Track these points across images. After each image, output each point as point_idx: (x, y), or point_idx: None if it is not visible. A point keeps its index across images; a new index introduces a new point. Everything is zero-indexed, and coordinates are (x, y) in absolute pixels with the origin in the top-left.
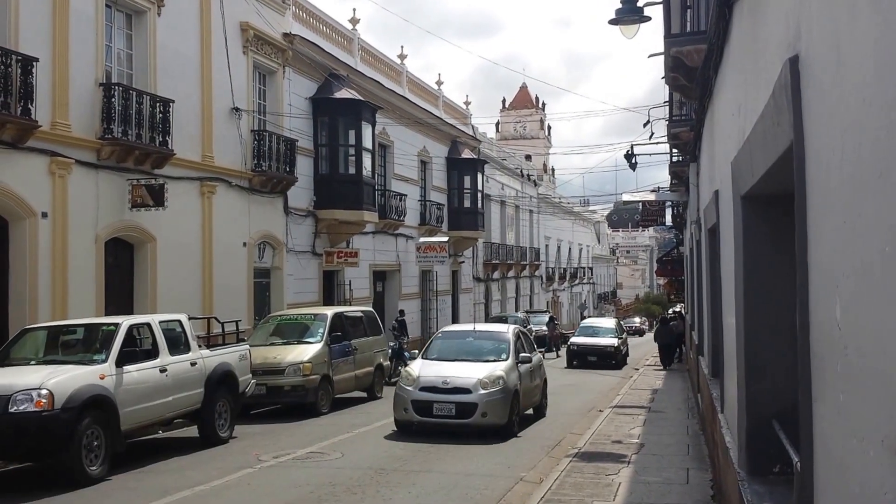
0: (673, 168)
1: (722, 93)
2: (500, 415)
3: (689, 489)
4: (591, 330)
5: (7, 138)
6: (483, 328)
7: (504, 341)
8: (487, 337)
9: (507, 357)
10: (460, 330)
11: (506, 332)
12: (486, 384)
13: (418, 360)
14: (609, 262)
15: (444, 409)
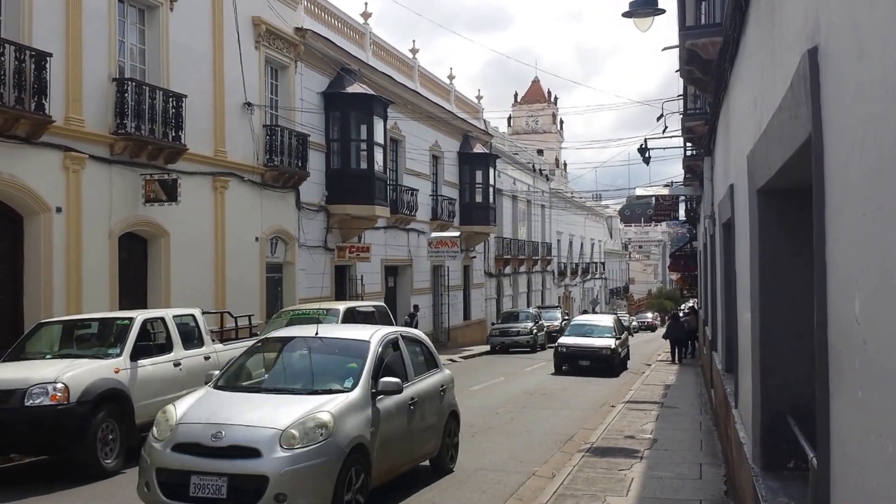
0: (687, 162)
1: (738, 86)
2: (316, 496)
3: (702, 484)
4: (584, 329)
5: (21, 133)
6: (335, 333)
7: (359, 356)
8: (335, 348)
9: (355, 385)
10: (294, 336)
11: (367, 339)
12: (294, 438)
13: (201, 390)
14: (621, 257)
15: (208, 489)
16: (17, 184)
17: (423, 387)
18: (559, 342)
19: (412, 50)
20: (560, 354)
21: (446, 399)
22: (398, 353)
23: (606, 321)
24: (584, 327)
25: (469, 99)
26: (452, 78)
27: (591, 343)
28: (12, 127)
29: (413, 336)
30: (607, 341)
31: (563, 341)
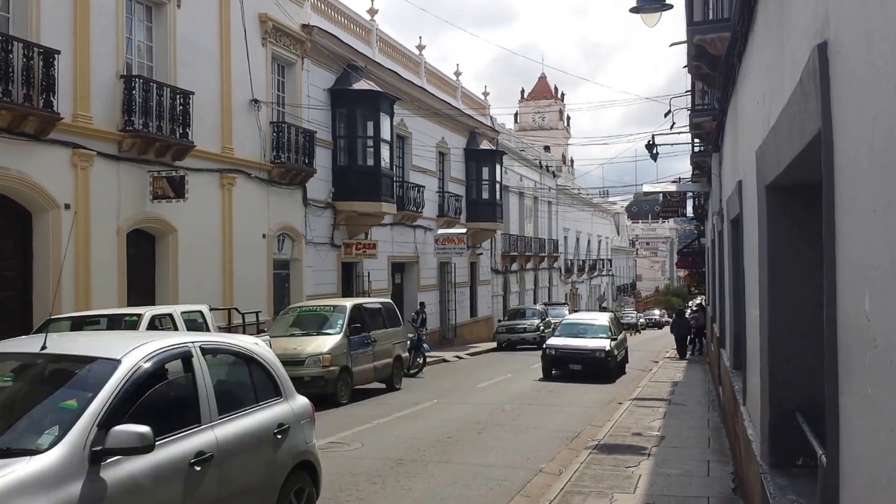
0: (695, 158)
1: (746, 81)
2: None
3: (709, 481)
4: (577, 328)
5: (30, 130)
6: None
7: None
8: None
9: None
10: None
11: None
12: None
13: None
14: (628, 253)
15: None
16: (26, 181)
17: (236, 430)
18: (548, 343)
19: (419, 46)
20: (549, 357)
21: (287, 444)
22: (188, 377)
23: (601, 320)
24: (577, 327)
25: (476, 95)
26: (459, 74)
27: (584, 345)
28: (21, 124)
29: (234, 349)
30: (602, 342)
31: (553, 342)
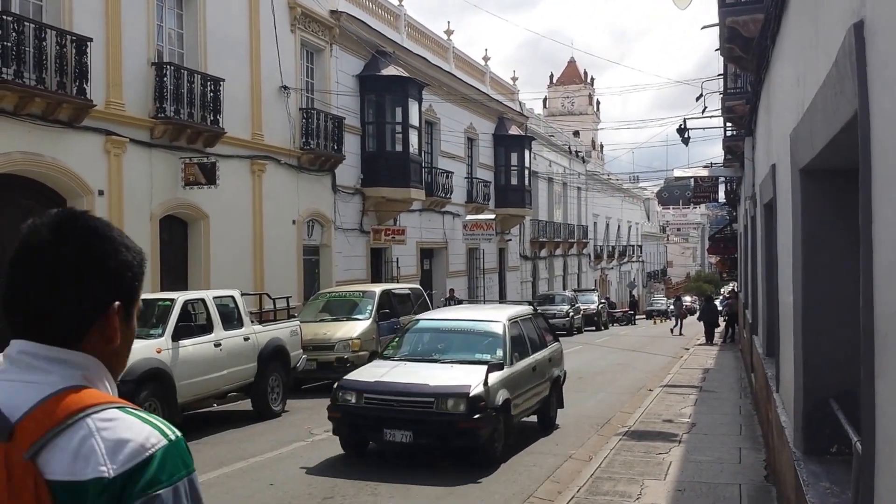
0: (727, 143)
1: (780, 63)
2: None
3: (741, 469)
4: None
5: (63, 118)
6: None
7: None
8: None
9: None
10: None
11: None
12: None
13: None
14: (659, 239)
15: None
16: (60, 167)
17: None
18: (344, 381)
19: (447, 31)
20: (345, 417)
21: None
22: None
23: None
24: (437, 339)
25: (504, 80)
26: (487, 59)
27: (422, 384)
28: (55, 111)
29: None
30: (465, 376)
31: (356, 379)
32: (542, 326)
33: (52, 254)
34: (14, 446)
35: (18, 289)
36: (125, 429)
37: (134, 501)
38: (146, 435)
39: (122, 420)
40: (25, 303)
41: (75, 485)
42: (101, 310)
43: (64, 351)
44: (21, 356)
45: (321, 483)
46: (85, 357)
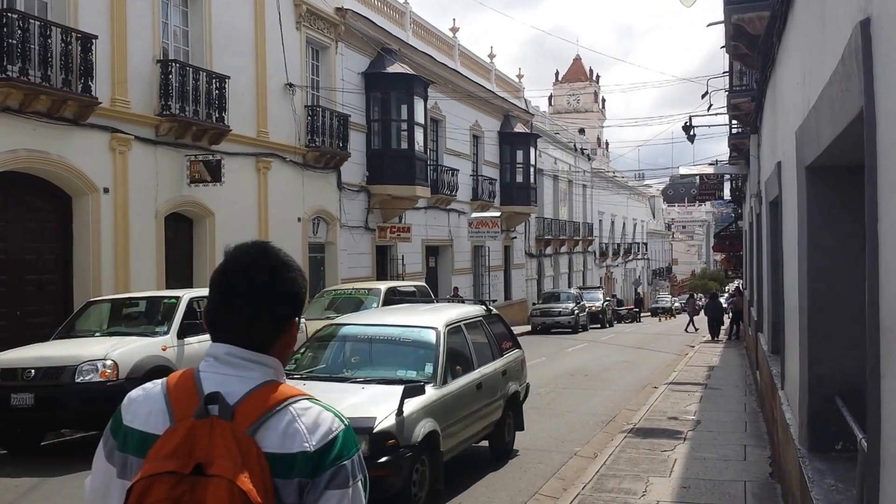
0: (732, 140)
1: (786, 60)
2: None
3: (746, 466)
4: None
5: (69, 115)
6: None
7: None
8: None
9: None
10: None
11: None
12: None
13: None
14: (664, 237)
15: None
16: (66, 164)
17: None
18: None
19: (452, 29)
20: None
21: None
22: None
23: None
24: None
25: (510, 78)
26: (493, 57)
27: None
28: (60, 109)
29: None
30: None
31: None
32: (497, 332)
33: (250, 281)
34: (236, 424)
35: (226, 308)
36: (317, 415)
37: (327, 469)
38: (331, 420)
39: (314, 409)
40: (232, 319)
41: (286, 456)
42: (286, 323)
43: (260, 355)
44: (228, 357)
45: None
46: (273, 360)
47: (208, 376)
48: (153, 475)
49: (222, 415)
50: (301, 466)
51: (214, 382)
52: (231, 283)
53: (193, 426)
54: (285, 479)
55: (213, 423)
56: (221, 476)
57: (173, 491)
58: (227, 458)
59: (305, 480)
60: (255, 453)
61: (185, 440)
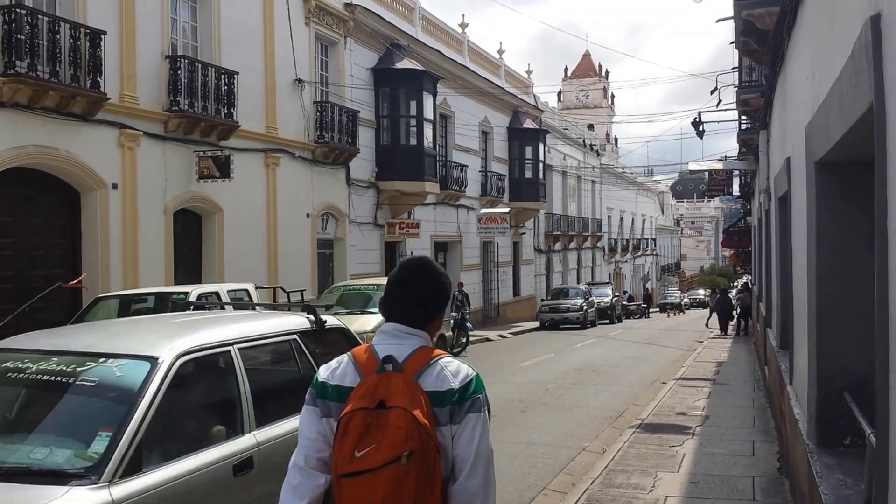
0: (741, 136)
1: (795, 56)
2: None
3: (754, 461)
4: None
5: (77, 111)
6: None
7: None
8: None
9: None
10: None
11: None
12: None
13: None
14: (673, 233)
15: None
16: (74, 160)
17: None
18: None
19: (461, 24)
20: None
21: None
22: None
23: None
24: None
25: (519, 74)
26: (502, 52)
27: None
28: (69, 104)
29: None
30: None
31: None
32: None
33: (418, 280)
34: (405, 375)
35: (399, 301)
36: (457, 366)
37: (467, 400)
38: (467, 368)
39: (454, 362)
40: (401, 307)
41: (440, 392)
42: (437, 313)
43: (417, 330)
44: (395, 331)
45: None
46: (425, 334)
47: (381, 346)
48: (353, 410)
49: (395, 369)
50: (450, 398)
51: (386, 349)
52: (404, 283)
53: (376, 379)
54: (440, 407)
55: (388, 375)
56: (399, 406)
57: (366, 419)
58: (401, 395)
59: (453, 407)
60: (419, 392)
61: (370, 388)
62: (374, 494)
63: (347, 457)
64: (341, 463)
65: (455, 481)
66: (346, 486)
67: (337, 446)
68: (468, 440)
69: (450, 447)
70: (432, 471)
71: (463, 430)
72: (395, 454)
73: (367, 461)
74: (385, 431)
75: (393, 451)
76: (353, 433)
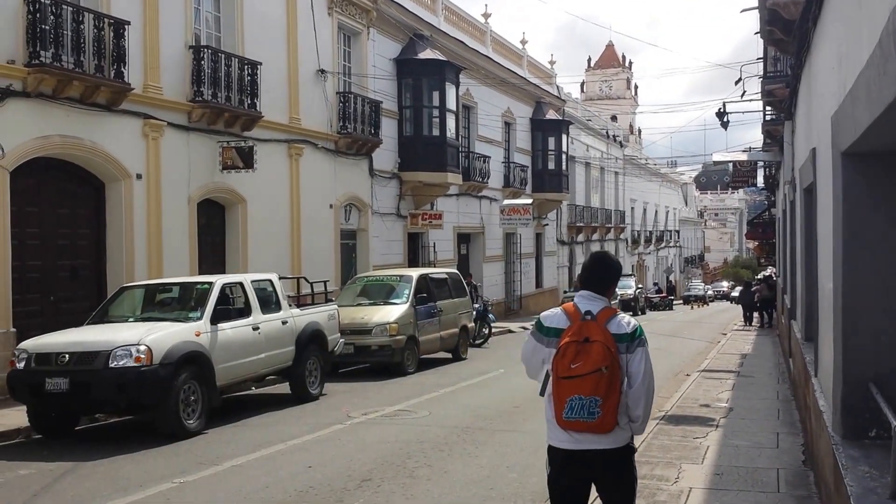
0: (766, 127)
1: (821, 45)
2: None
3: (779, 453)
4: None
5: (102, 101)
6: None
7: None
8: None
9: None
10: None
11: None
12: None
13: None
14: (696, 224)
15: None
16: (99, 151)
17: None
18: None
19: (484, 14)
20: None
21: None
22: None
23: None
24: None
25: (542, 64)
26: (525, 43)
27: None
28: (93, 95)
29: None
30: None
31: None
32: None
33: (603, 266)
34: (598, 322)
35: (595, 275)
36: (629, 319)
37: (635, 339)
38: (634, 321)
39: (626, 316)
40: (596, 281)
41: (619, 334)
42: (613, 285)
43: (602, 297)
44: (589, 296)
45: (359, 465)
46: (606, 299)
47: (582, 303)
48: (569, 342)
49: (592, 319)
50: (626, 338)
51: (585, 305)
52: (591, 268)
53: (581, 324)
54: (620, 343)
55: (588, 322)
56: (598, 341)
57: (577, 347)
58: (598, 334)
59: (628, 343)
60: (608, 333)
61: (577, 329)
62: (583, 388)
63: (566, 367)
64: (562, 371)
65: (631, 387)
66: (565, 384)
67: (557, 361)
68: (637, 363)
69: (625, 367)
70: (616, 378)
71: (633, 357)
72: (596, 367)
73: (578, 370)
74: (590, 354)
75: (595, 366)
76: (569, 355)
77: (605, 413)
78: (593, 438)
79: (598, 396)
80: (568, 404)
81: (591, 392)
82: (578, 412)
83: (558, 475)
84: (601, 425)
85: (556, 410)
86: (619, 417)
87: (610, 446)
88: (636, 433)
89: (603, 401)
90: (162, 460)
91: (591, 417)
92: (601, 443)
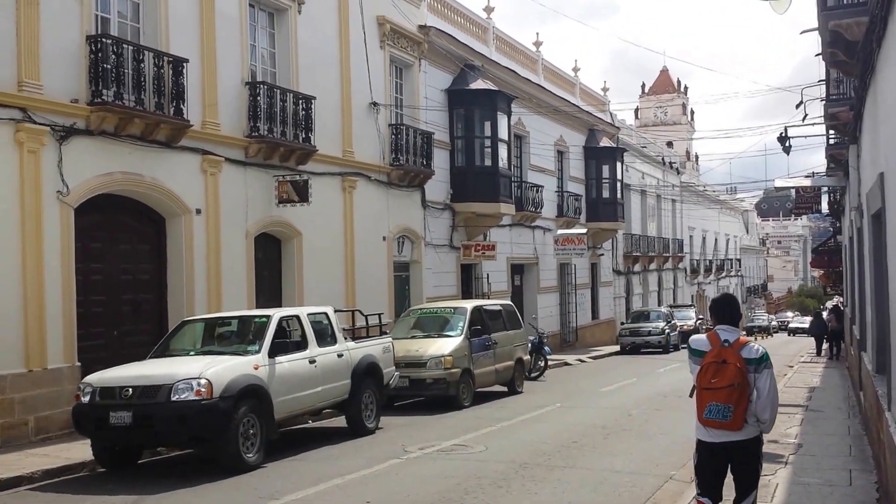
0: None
1: (886, 66)
2: None
3: (852, 491)
4: None
5: (162, 138)
6: None
7: None
8: None
9: None
10: None
11: None
12: None
13: None
14: (759, 253)
15: None
16: (159, 187)
17: None
18: None
19: (535, 43)
20: None
21: None
22: None
23: None
24: None
25: (594, 91)
26: (577, 70)
27: None
28: (153, 132)
29: None
30: None
31: None
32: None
33: (732, 306)
34: (734, 349)
35: (727, 313)
36: (758, 347)
37: (762, 363)
38: (762, 348)
39: (755, 344)
40: (728, 317)
41: (749, 358)
42: (740, 318)
43: (735, 329)
44: (727, 328)
45: (418, 500)
46: (739, 329)
47: (721, 333)
48: (709, 362)
49: (729, 346)
50: (755, 362)
51: (724, 335)
52: (721, 306)
53: (720, 349)
54: (749, 365)
55: (726, 348)
56: (732, 363)
57: (716, 367)
58: (732, 358)
59: (756, 366)
60: (740, 357)
61: (717, 353)
62: (719, 397)
63: (707, 381)
64: (704, 384)
65: (759, 398)
66: (706, 393)
67: (701, 376)
68: (764, 380)
69: (753, 384)
70: (745, 390)
71: (761, 376)
72: (731, 383)
73: (717, 384)
74: (726, 373)
75: (729, 381)
76: (710, 372)
77: (735, 416)
78: (729, 433)
79: (731, 404)
80: (707, 408)
81: (725, 401)
82: (716, 414)
83: (706, 461)
84: (733, 424)
85: (699, 411)
86: (748, 417)
87: (743, 438)
88: (765, 432)
89: (735, 407)
90: (223, 494)
91: (726, 419)
92: (736, 436)
